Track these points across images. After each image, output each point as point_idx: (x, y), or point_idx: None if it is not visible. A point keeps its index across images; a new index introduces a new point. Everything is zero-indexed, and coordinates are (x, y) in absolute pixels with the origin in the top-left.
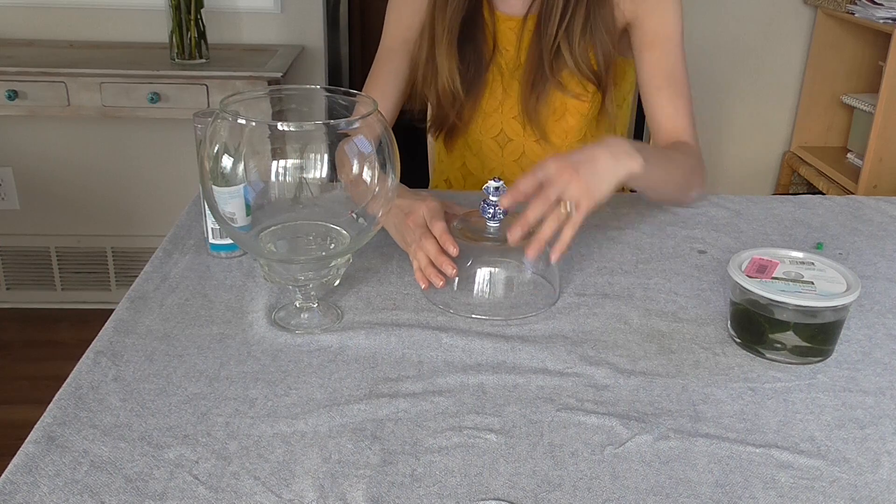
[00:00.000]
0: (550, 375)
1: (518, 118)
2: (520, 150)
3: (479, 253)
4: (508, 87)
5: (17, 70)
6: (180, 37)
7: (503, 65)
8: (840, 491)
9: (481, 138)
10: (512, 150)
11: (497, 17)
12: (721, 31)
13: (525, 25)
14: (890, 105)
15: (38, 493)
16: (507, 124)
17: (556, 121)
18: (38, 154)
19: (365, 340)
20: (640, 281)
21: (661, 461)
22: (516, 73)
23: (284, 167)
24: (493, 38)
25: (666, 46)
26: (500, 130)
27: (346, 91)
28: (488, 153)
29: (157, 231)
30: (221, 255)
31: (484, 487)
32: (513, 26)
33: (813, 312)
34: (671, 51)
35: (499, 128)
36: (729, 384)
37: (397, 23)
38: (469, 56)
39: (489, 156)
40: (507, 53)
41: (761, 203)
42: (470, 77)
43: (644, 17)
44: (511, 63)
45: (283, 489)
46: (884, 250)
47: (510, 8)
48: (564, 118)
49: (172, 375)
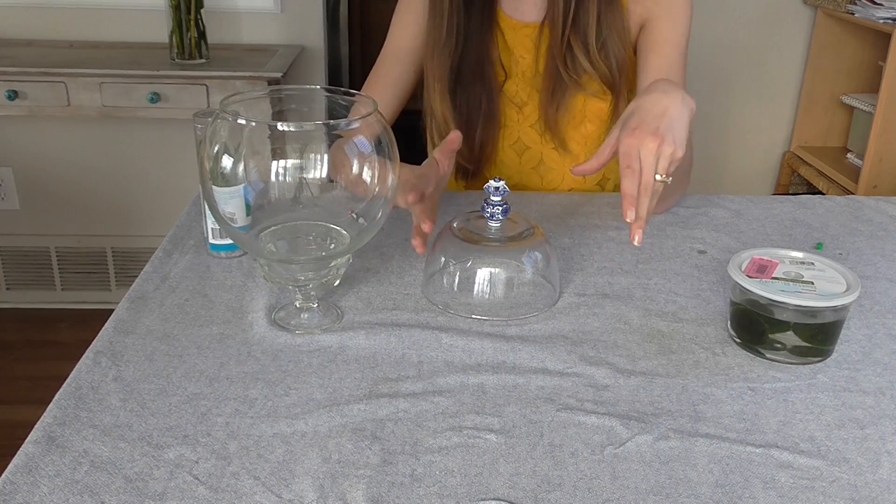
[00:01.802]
0: (550, 375)
1: (536, 126)
2: (538, 158)
3: (479, 253)
4: (527, 94)
5: (17, 70)
6: (180, 37)
7: (518, 73)
8: (840, 491)
9: (500, 146)
10: (529, 158)
11: (511, 25)
12: (721, 31)
13: (542, 32)
14: (890, 105)
15: (38, 493)
16: (524, 133)
17: (574, 127)
18: (38, 154)
19: (365, 340)
20: (640, 281)
21: (661, 461)
22: (535, 80)
23: (284, 167)
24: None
25: (671, 53)
26: (517, 139)
27: (346, 91)
28: (506, 161)
29: (157, 231)
30: (221, 255)
31: (484, 487)
32: (529, 33)
33: (813, 312)
34: (675, 58)
35: (516, 136)
36: (729, 384)
37: (402, 30)
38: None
39: (507, 163)
40: (523, 61)
41: (761, 203)
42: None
43: (655, 20)
44: (529, 70)
45: (283, 489)
46: (884, 250)
47: (524, 15)
48: (584, 124)
49: (172, 375)
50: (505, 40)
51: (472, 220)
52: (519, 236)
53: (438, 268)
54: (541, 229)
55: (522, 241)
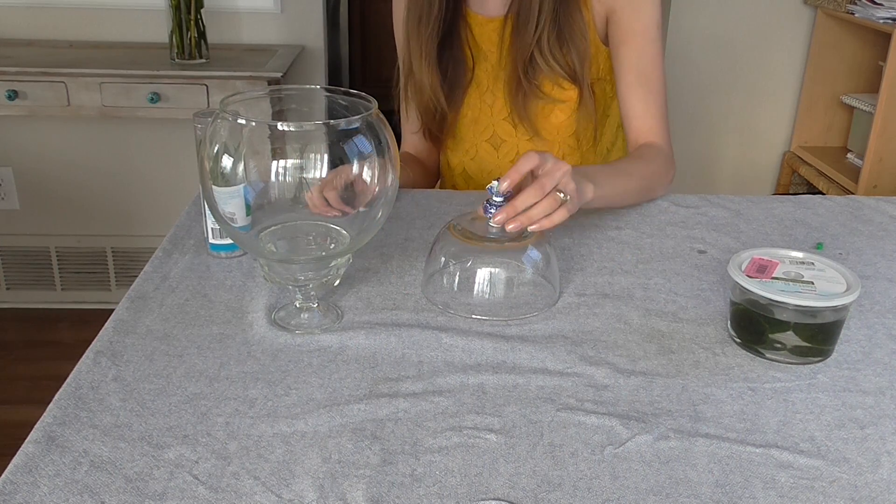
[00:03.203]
0: (550, 375)
1: (509, 119)
2: (514, 151)
3: (479, 253)
4: (496, 88)
5: (17, 70)
6: (180, 37)
7: (488, 68)
8: (840, 491)
9: (476, 142)
10: (507, 152)
11: (478, 21)
12: (721, 30)
13: (505, 26)
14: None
15: (38, 493)
16: (498, 126)
17: (545, 117)
18: (38, 154)
19: (365, 340)
20: (640, 281)
21: (661, 461)
22: (501, 74)
23: (284, 167)
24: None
25: (639, 42)
26: (492, 133)
27: (346, 91)
28: (484, 156)
29: (157, 231)
30: (221, 255)
31: (484, 487)
32: (495, 27)
33: (813, 312)
34: (644, 47)
35: (491, 130)
36: (729, 384)
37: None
38: (449, 69)
39: (486, 159)
40: (491, 56)
41: (761, 203)
42: (450, 89)
43: (619, 10)
44: (495, 65)
45: (283, 489)
46: (884, 250)
47: (488, 10)
48: (553, 114)
49: (172, 375)
50: (473, 36)
51: (472, 220)
52: (519, 236)
53: (438, 268)
54: None
55: (522, 241)
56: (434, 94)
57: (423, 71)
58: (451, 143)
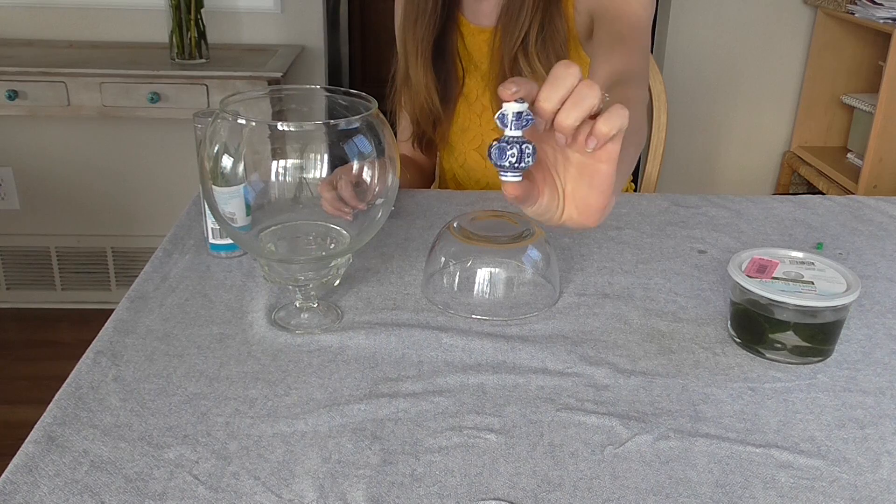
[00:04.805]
0: (550, 375)
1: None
2: None
3: (479, 253)
4: (485, 98)
5: (17, 70)
6: (180, 37)
7: (478, 78)
8: (840, 491)
9: (465, 150)
10: None
11: (470, 30)
12: (721, 31)
13: (495, 36)
14: (890, 105)
15: (38, 493)
16: (487, 135)
17: None
18: (38, 154)
19: (365, 340)
20: (640, 281)
21: (661, 461)
22: (491, 84)
23: (284, 167)
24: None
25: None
26: (481, 142)
27: (346, 91)
28: (473, 165)
29: (157, 231)
30: (221, 255)
31: (484, 487)
32: (485, 38)
33: (813, 312)
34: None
35: (480, 139)
36: (729, 384)
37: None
38: (442, 74)
39: (474, 167)
40: (481, 66)
41: (761, 203)
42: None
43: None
44: (485, 75)
45: (283, 489)
46: (884, 250)
47: (480, 20)
48: None
49: (172, 375)
50: (465, 45)
51: (472, 220)
52: (519, 236)
53: (438, 268)
54: (540, 229)
55: (522, 240)
56: (429, 94)
57: (419, 71)
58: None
